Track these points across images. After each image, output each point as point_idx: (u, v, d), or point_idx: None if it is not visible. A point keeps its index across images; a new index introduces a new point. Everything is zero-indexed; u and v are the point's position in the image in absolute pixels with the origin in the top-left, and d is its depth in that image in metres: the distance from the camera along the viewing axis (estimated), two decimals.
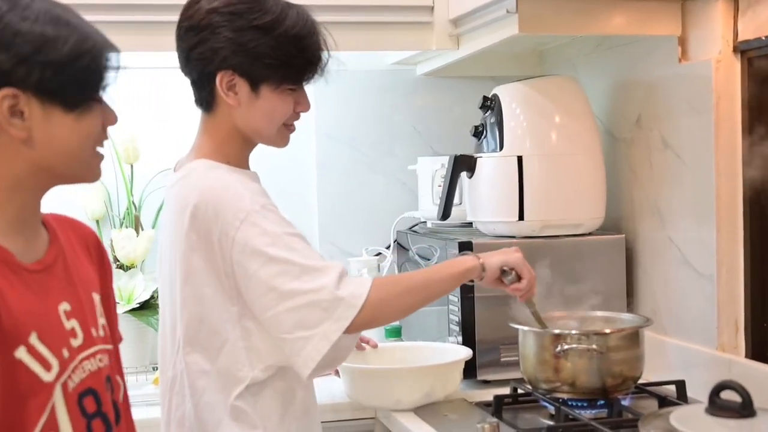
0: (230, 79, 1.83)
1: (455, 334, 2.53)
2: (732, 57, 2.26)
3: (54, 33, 1.29)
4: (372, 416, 2.40)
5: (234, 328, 1.80)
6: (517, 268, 2.03)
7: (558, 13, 2.37)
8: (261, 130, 1.89)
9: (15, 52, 1.25)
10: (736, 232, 2.27)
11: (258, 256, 1.74)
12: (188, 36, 1.84)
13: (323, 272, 1.75)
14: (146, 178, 2.95)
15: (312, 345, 1.73)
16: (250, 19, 1.81)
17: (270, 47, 1.81)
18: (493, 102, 2.62)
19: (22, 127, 1.27)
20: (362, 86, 3.12)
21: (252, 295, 1.76)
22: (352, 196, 3.12)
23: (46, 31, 1.28)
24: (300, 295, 1.73)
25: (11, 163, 1.30)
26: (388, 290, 1.84)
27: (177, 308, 1.85)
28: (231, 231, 1.74)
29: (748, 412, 1.55)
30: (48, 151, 1.31)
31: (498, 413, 2.21)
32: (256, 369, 1.81)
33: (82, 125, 1.33)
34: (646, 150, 2.55)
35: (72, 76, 1.30)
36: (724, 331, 2.28)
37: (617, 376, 2.16)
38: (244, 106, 1.85)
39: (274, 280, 1.73)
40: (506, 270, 2.03)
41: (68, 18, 1.34)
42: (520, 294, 2.06)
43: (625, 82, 2.68)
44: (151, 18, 2.53)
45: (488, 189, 2.58)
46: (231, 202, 1.76)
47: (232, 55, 1.81)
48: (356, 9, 2.69)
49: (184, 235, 1.79)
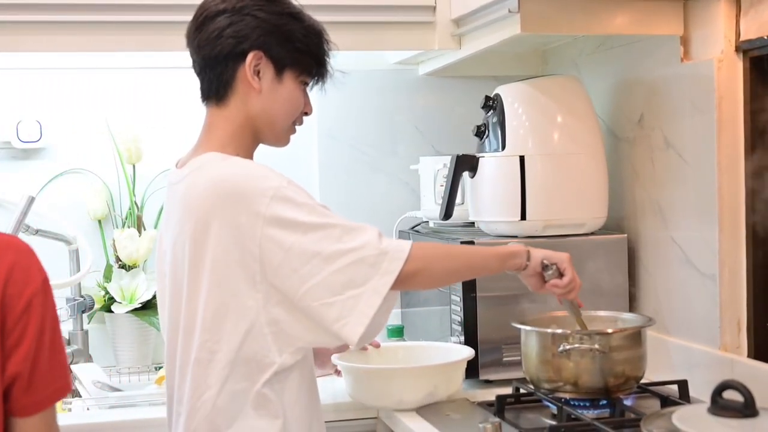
0: (258, 62, 1.87)
1: (457, 333, 2.53)
2: (734, 56, 2.26)
3: None
4: (374, 416, 2.40)
5: (259, 314, 1.78)
6: (559, 264, 2.04)
7: (560, 12, 2.37)
8: (276, 120, 1.93)
9: None
10: (739, 231, 2.27)
11: (296, 227, 1.75)
12: (218, 19, 1.87)
13: (363, 231, 1.79)
14: (148, 179, 2.95)
15: (364, 301, 1.75)
16: (282, 6, 1.90)
17: (301, 33, 1.91)
18: (495, 102, 2.62)
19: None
20: (364, 86, 3.12)
21: (290, 269, 1.75)
22: (354, 195, 3.12)
23: None
24: (345, 254, 1.76)
25: None
26: (428, 250, 1.89)
27: (196, 299, 1.82)
28: (261, 208, 1.75)
29: (751, 412, 1.55)
30: None
31: (500, 413, 2.21)
32: (285, 353, 1.80)
33: None
34: (648, 149, 2.55)
35: None
36: (727, 330, 2.28)
37: (619, 376, 2.16)
38: (265, 91, 1.89)
39: (316, 245, 1.75)
40: (547, 264, 2.03)
41: None
42: (558, 291, 2.06)
43: (627, 81, 2.68)
44: (155, 18, 2.53)
45: (490, 189, 2.58)
46: (256, 183, 1.78)
47: (266, 34, 1.87)
48: (358, 9, 2.69)
49: (203, 224, 1.78)
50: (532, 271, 2.03)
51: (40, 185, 2.95)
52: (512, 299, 2.36)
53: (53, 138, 2.97)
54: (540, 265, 2.03)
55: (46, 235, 2.80)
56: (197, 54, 1.91)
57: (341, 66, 2.01)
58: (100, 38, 2.56)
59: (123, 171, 2.97)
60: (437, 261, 1.90)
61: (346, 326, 1.75)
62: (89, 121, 3.00)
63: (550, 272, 2.04)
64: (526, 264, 2.02)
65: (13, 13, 2.51)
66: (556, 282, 2.04)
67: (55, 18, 2.51)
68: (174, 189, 1.91)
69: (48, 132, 2.95)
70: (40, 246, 2.78)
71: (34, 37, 2.54)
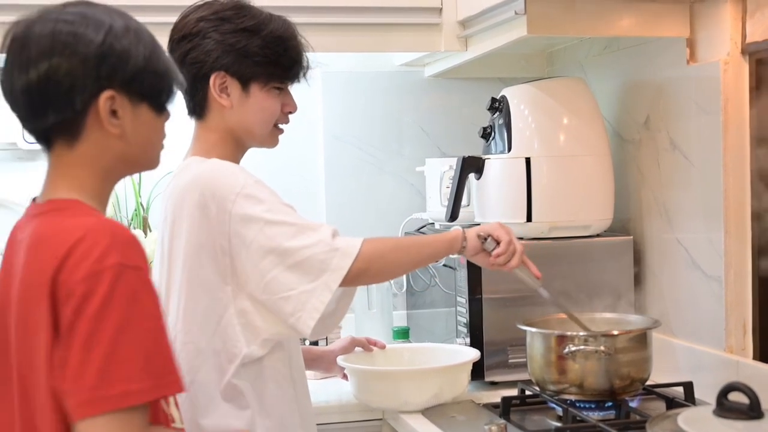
0: (222, 81, 1.95)
1: (463, 335, 2.53)
2: (740, 58, 2.26)
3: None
4: (380, 417, 2.40)
5: (228, 306, 1.87)
6: (492, 232, 2.09)
7: (566, 14, 2.37)
8: (253, 130, 2.00)
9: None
10: (744, 233, 2.27)
11: (255, 222, 1.84)
12: (181, 45, 1.96)
13: (318, 229, 1.87)
14: (154, 180, 2.96)
15: (316, 296, 1.84)
16: (236, 23, 1.95)
17: (257, 46, 1.95)
18: (501, 103, 2.62)
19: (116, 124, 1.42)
20: (370, 87, 3.12)
21: (251, 263, 1.84)
22: (360, 197, 3.12)
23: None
24: (299, 251, 1.84)
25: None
26: (378, 245, 1.95)
27: (170, 291, 1.92)
28: (228, 205, 1.84)
29: (756, 414, 1.55)
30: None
31: (506, 415, 2.21)
32: (252, 345, 1.88)
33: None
34: (654, 151, 2.55)
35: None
36: (732, 332, 2.28)
37: (625, 378, 2.16)
38: (236, 106, 1.97)
39: (272, 241, 1.83)
40: (483, 237, 2.08)
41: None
42: (501, 261, 2.09)
43: (633, 83, 2.67)
44: (158, 19, 2.52)
45: (496, 190, 2.58)
46: (226, 180, 1.87)
47: (223, 55, 1.94)
48: (364, 10, 2.69)
49: (182, 220, 1.88)
50: (473, 249, 2.09)
51: None
52: (518, 301, 2.36)
53: None
54: (476, 239, 2.08)
55: None
56: None
57: (348, 67, 2.01)
58: None
59: None
60: (386, 253, 1.98)
61: (299, 320, 1.84)
62: None
63: (486, 243, 2.08)
64: (464, 244, 2.07)
65: (16, 13, 2.50)
66: (497, 251, 2.08)
67: None
68: (165, 194, 2.03)
69: None
70: None
71: None
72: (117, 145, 1.43)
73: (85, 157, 1.43)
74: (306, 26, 2.04)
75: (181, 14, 2.00)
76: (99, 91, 1.39)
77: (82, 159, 1.43)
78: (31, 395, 1.35)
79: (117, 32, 1.41)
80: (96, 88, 1.39)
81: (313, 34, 2.01)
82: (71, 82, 1.38)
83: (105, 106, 1.40)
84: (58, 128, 1.41)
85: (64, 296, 1.31)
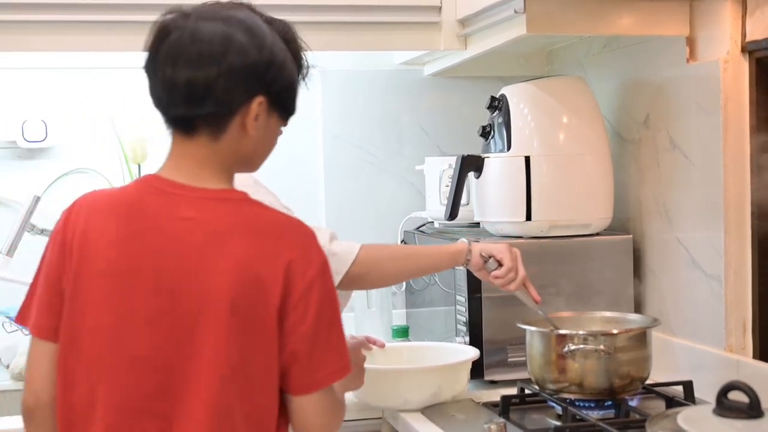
0: None
1: (462, 334, 2.52)
2: (740, 57, 2.26)
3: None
4: (379, 416, 2.40)
5: None
6: (496, 254, 2.12)
7: (566, 13, 2.37)
8: None
9: None
10: (744, 233, 2.27)
11: None
12: None
13: (315, 233, 1.84)
14: None
15: None
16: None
17: None
18: (500, 102, 2.62)
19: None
20: (369, 86, 3.12)
21: None
22: (360, 196, 3.12)
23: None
24: None
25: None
26: (375, 252, 1.99)
27: None
28: None
29: (756, 413, 1.55)
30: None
31: (505, 413, 2.21)
32: None
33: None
34: (653, 150, 2.55)
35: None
36: (732, 331, 2.27)
37: (624, 377, 2.16)
38: None
39: None
40: (486, 257, 2.11)
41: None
42: (499, 282, 2.13)
43: (633, 82, 2.67)
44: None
45: (496, 189, 2.58)
46: None
47: None
48: (363, 9, 2.69)
49: None
50: (476, 265, 2.13)
51: (46, 185, 2.95)
52: (517, 300, 2.35)
53: (58, 138, 2.97)
54: (479, 257, 2.12)
55: None
56: None
57: (347, 66, 2.01)
58: (105, 38, 2.57)
59: (128, 171, 2.98)
60: (385, 263, 2.02)
61: None
62: (94, 121, 3.00)
63: (488, 264, 2.11)
64: (467, 259, 2.11)
65: (19, 13, 2.51)
66: (496, 273, 2.12)
67: (60, 18, 2.52)
68: None
69: (53, 132, 2.96)
70: (45, 246, 2.81)
71: (40, 37, 2.54)
72: (248, 145, 1.56)
73: (226, 151, 1.55)
74: (304, 25, 2.02)
75: None
76: (255, 94, 1.52)
77: (223, 152, 1.55)
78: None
79: (278, 44, 1.57)
80: (255, 91, 1.52)
81: (311, 33, 2.00)
82: (238, 83, 1.51)
83: (255, 110, 1.53)
84: (208, 120, 1.53)
85: (303, 285, 1.49)
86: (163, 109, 1.57)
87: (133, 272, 1.50)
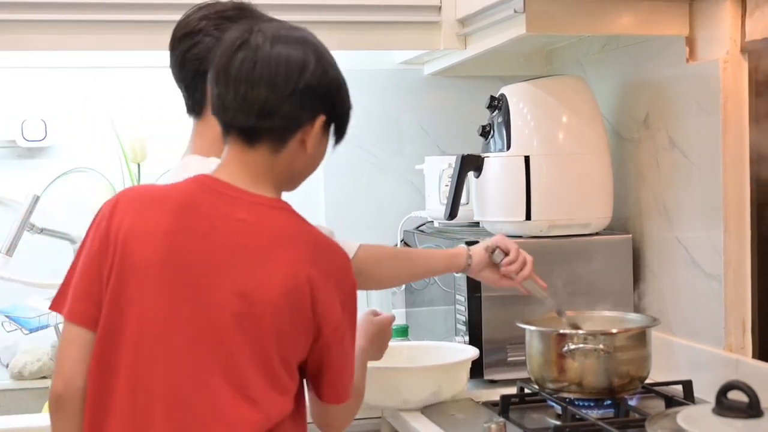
0: None
1: (462, 333, 2.53)
2: (740, 57, 2.26)
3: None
4: (378, 416, 2.40)
5: None
6: (500, 243, 2.12)
7: (566, 12, 2.37)
8: None
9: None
10: (744, 232, 2.27)
11: None
12: (182, 42, 1.97)
13: None
14: (153, 178, 2.95)
15: None
16: (238, 22, 1.95)
17: None
18: (500, 102, 2.62)
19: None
20: (369, 86, 3.12)
21: None
22: (359, 195, 3.12)
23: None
24: None
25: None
26: (373, 252, 2.01)
27: None
28: None
29: (756, 413, 1.55)
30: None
31: (505, 413, 2.21)
32: None
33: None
34: (653, 150, 2.55)
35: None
36: (732, 331, 2.28)
37: (624, 376, 2.16)
38: None
39: None
40: (492, 249, 2.11)
41: None
42: (514, 268, 2.12)
43: (632, 81, 2.67)
44: (161, 17, 2.53)
45: (495, 189, 2.58)
46: None
47: None
48: (363, 8, 2.69)
49: None
50: (480, 263, 2.13)
51: (45, 184, 2.95)
52: (517, 299, 2.35)
53: (58, 137, 2.98)
54: (484, 252, 2.12)
55: (51, 234, 2.81)
56: (173, 72, 2.02)
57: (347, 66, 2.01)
58: (105, 37, 2.57)
59: (128, 170, 2.98)
60: (384, 262, 2.04)
61: None
62: (94, 120, 3.00)
63: (496, 254, 2.11)
64: (468, 263, 2.12)
65: (18, 12, 2.51)
66: (507, 260, 2.12)
67: (60, 17, 2.52)
68: None
69: (53, 131, 2.96)
70: (44, 245, 2.81)
71: (40, 36, 2.54)
72: (302, 162, 1.63)
73: (282, 164, 1.60)
74: (304, 24, 2.03)
75: (184, 14, 2.00)
76: (320, 113, 1.59)
77: (279, 165, 1.60)
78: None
79: (339, 68, 1.64)
80: (321, 111, 1.59)
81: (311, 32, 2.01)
82: (311, 101, 1.57)
83: (317, 128, 1.60)
84: (273, 132, 1.58)
85: (334, 304, 1.58)
86: (228, 118, 1.60)
87: (183, 266, 1.52)
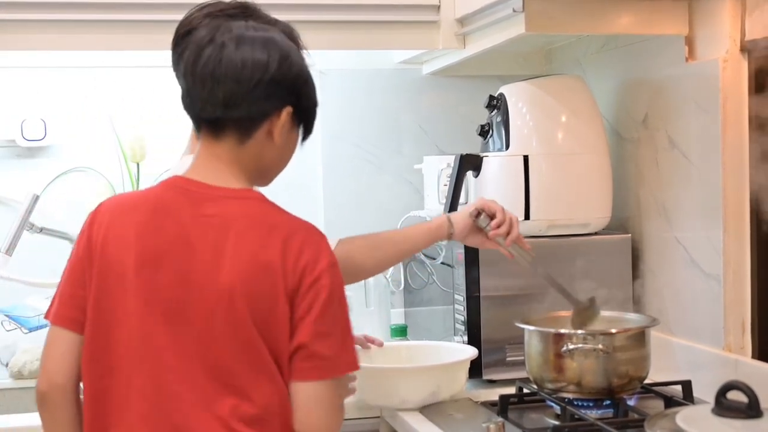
0: None
1: (461, 333, 2.52)
2: (739, 56, 2.26)
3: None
4: (377, 415, 2.40)
5: None
6: (483, 206, 2.12)
7: (565, 12, 2.37)
8: None
9: None
10: (743, 232, 2.27)
11: None
12: (186, 39, 1.92)
13: None
14: (152, 177, 2.95)
15: None
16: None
17: None
18: (499, 101, 2.61)
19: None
20: (368, 85, 3.12)
21: None
22: (358, 195, 3.12)
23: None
24: None
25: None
26: (355, 244, 2.03)
27: None
28: None
29: (755, 413, 1.55)
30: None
31: (503, 413, 2.21)
32: None
33: None
34: (652, 149, 2.55)
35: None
36: (731, 331, 2.27)
37: (623, 376, 2.16)
38: None
39: None
40: (476, 214, 2.11)
41: None
42: (503, 230, 2.12)
43: (631, 81, 2.67)
44: (160, 17, 2.53)
45: (494, 188, 2.58)
46: None
47: None
48: (362, 8, 2.69)
49: None
50: (463, 229, 2.13)
51: (45, 183, 2.95)
52: (516, 299, 2.36)
53: (58, 136, 2.97)
54: (467, 218, 2.12)
55: (50, 233, 2.81)
56: (174, 70, 1.99)
57: (346, 65, 2.02)
58: (105, 37, 2.56)
59: (127, 169, 2.98)
60: (365, 252, 2.05)
61: None
62: (94, 120, 3.00)
63: (481, 218, 2.11)
64: (450, 231, 2.12)
65: (18, 12, 2.51)
66: (494, 223, 2.12)
67: (60, 16, 2.51)
68: None
69: (52, 130, 2.96)
70: (44, 244, 2.81)
71: (40, 36, 2.54)
72: (271, 154, 1.64)
73: (250, 155, 1.62)
74: (303, 24, 2.02)
75: (187, 12, 1.99)
76: (287, 104, 1.61)
77: (248, 156, 1.62)
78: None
79: (306, 64, 1.67)
80: (288, 101, 1.61)
81: (310, 32, 2.00)
82: (276, 92, 1.60)
83: (284, 118, 1.61)
84: (238, 122, 1.60)
85: (313, 277, 1.55)
86: (196, 111, 1.63)
87: (156, 265, 1.55)
